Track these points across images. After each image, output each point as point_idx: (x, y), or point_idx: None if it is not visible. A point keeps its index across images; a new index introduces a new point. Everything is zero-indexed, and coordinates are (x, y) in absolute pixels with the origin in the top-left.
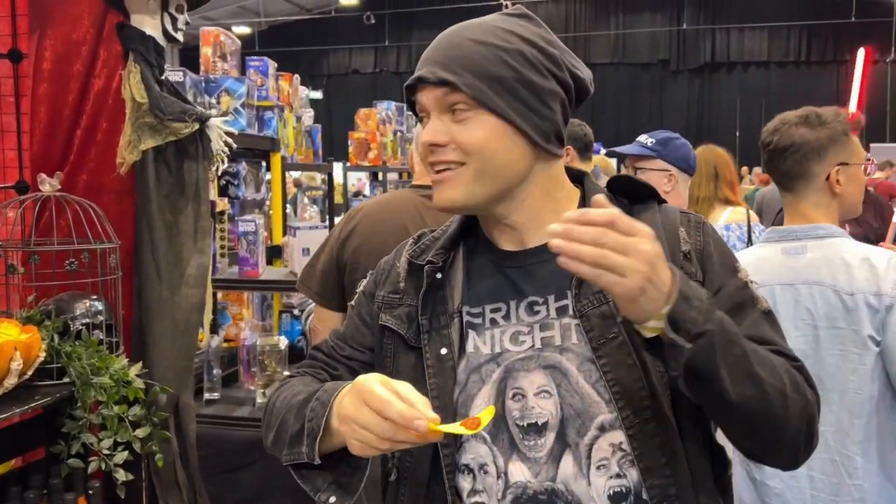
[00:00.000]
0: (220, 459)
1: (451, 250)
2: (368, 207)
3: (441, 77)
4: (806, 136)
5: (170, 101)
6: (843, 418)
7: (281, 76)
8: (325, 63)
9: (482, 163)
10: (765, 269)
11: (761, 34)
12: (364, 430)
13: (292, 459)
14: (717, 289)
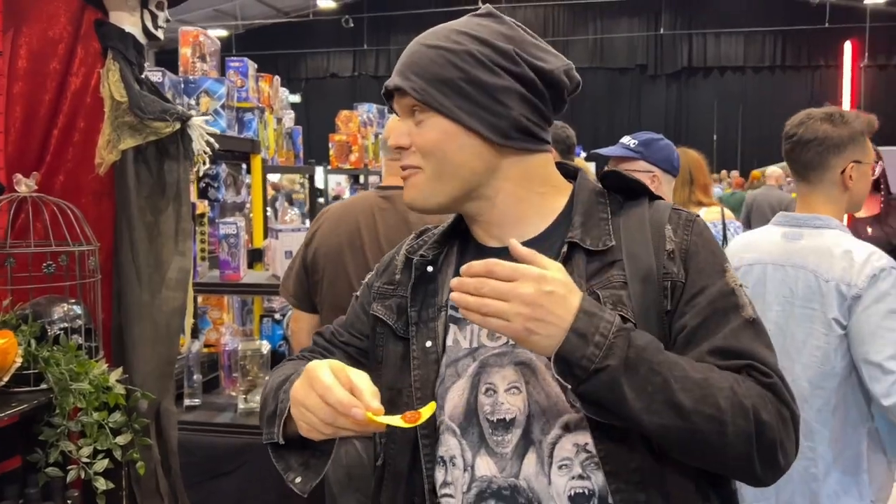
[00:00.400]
0: (202, 467)
1: (445, 245)
2: (331, 210)
3: (395, 84)
4: (829, 131)
5: (150, 100)
6: (803, 388)
7: (261, 77)
8: (302, 67)
9: (437, 164)
10: (764, 247)
11: (737, 39)
12: (309, 413)
13: (269, 439)
14: (699, 289)
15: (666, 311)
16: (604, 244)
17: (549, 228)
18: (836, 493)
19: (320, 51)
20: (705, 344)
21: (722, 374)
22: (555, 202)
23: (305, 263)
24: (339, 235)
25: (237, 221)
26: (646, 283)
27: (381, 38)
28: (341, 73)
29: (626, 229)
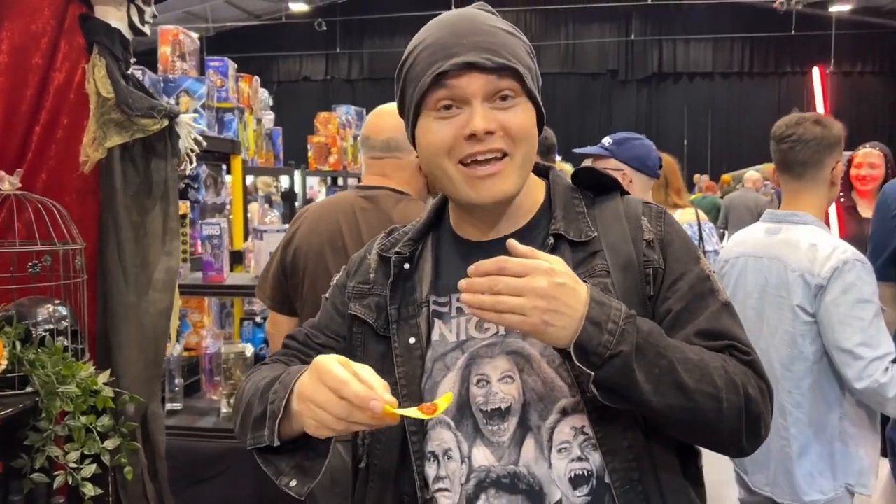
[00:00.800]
0: (185, 472)
1: (420, 241)
2: (311, 211)
3: (500, 63)
4: (823, 133)
5: (137, 97)
6: (775, 368)
7: (241, 77)
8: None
9: (528, 149)
10: (749, 242)
11: (706, 46)
12: (320, 410)
13: (255, 443)
14: (678, 275)
15: (649, 296)
16: (586, 235)
17: (531, 222)
18: (811, 474)
19: (292, 54)
20: (690, 326)
21: (712, 354)
22: (536, 195)
23: (284, 265)
24: (319, 235)
25: (220, 222)
26: (626, 271)
27: (354, 41)
28: (314, 76)
29: (602, 221)
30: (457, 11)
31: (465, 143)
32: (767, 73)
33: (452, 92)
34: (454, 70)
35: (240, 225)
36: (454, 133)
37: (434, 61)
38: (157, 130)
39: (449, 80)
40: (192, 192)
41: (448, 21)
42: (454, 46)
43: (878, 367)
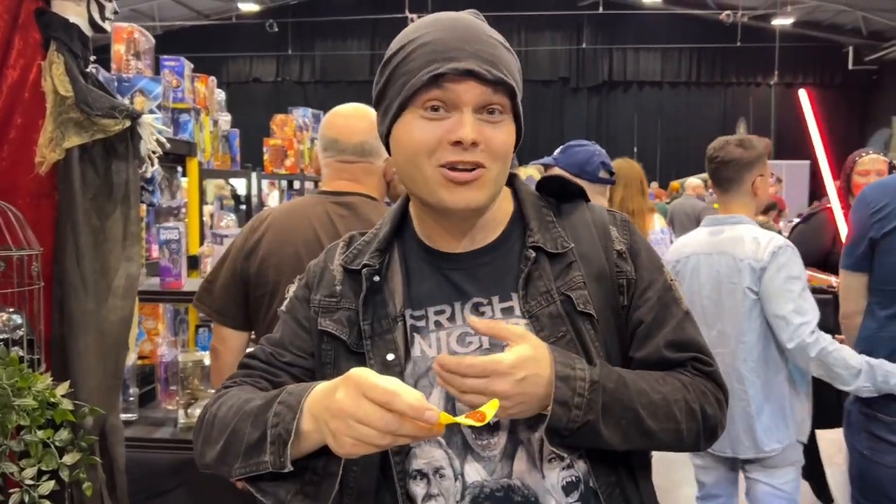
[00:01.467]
0: (141, 485)
1: (387, 252)
2: (274, 217)
3: (498, 76)
4: (742, 154)
5: (97, 95)
6: (731, 343)
7: (197, 78)
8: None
9: (502, 166)
10: (695, 243)
11: (655, 55)
12: (362, 426)
13: (249, 472)
14: (647, 285)
15: (622, 306)
16: (561, 246)
17: (504, 232)
18: (769, 428)
19: (243, 55)
20: (660, 336)
21: (674, 384)
22: (504, 205)
23: (246, 275)
24: (292, 245)
25: (178, 227)
26: (600, 282)
27: (306, 43)
28: (264, 77)
29: (572, 231)
30: (455, 15)
31: (449, 148)
32: (714, 84)
33: (446, 95)
34: (453, 74)
35: (195, 229)
36: (440, 136)
37: (433, 60)
38: (118, 131)
39: (446, 84)
40: (146, 194)
41: (448, 23)
42: (455, 50)
43: (805, 330)
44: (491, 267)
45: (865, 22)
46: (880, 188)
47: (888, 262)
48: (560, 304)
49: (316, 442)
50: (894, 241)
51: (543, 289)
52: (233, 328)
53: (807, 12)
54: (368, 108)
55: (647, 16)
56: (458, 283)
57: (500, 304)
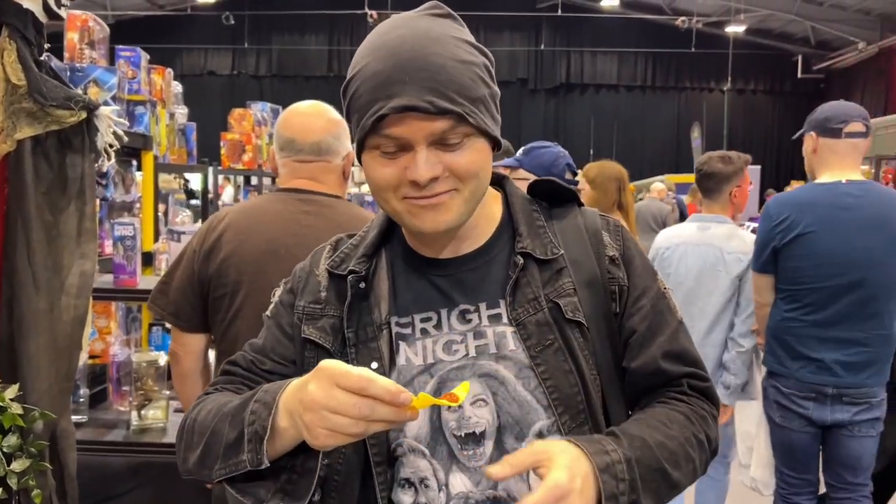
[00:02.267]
0: (93, 489)
1: (374, 258)
2: (233, 216)
3: (443, 107)
4: (722, 168)
5: (52, 85)
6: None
7: (153, 69)
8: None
9: (476, 185)
10: (685, 235)
11: (612, 59)
12: (335, 415)
13: (229, 472)
14: (641, 292)
15: (615, 313)
16: (551, 252)
17: (493, 237)
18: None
19: (197, 47)
20: (655, 346)
21: (679, 419)
22: (493, 209)
23: (203, 276)
24: (254, 244)
25: (133, 223)
26: (591, 288)
27: (263, 37)
28: (219, 71)
29: (563, 236)
30: (404, 29)
31: (409, 185)
32: (669, 88)
33: (394, 136)
34: (394, 113)
35: (150, 225)
36: (398, 175)
37: (375, 99)
38: (73, 123)
39: (390, 126)
40: (100, 189)
41: (392, 47)
42: (395, 84)
43: None
44: (478, 273)
45: (814, 32)
46: (782, 203)
47: (789, 266)
48: (548, 312)
49: (293, 438)
50: (794, 249)
51: (531, 296)
52: (189, 331)
53: (759, 20)
54: (325, 106)
55: (604, 19)
56: (445, 289)
57: (487, 311)
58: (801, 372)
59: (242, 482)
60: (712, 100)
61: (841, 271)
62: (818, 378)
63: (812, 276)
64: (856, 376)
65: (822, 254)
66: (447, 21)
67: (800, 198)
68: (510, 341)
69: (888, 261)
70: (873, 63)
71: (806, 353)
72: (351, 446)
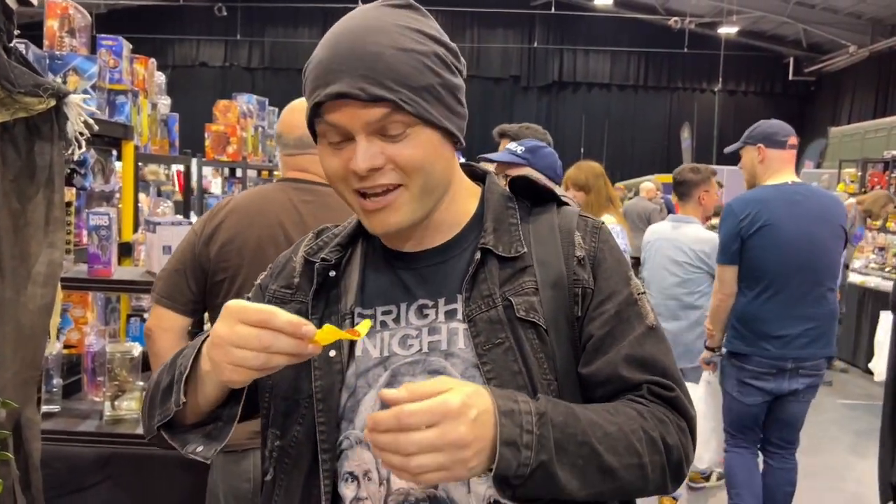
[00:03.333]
0: (63, 479)
1: (349, 248)
2: (236, 202)
3: (375, 94)
4: (692, 177)
5: (21, 72)
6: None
7: (136, 59)
8: (170, 53)
9: (424, 178)
10: (660, 231)
11: (604, 58)
12: (239, 349)
13: (163, 418)
14: (606, 296)
15: (577, 317)
16: (515, 251)
17: (461, 233)
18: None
19: (190, 38)
20: (613, 352)
21: (628, 412)
22: (466, 205)
23: (203, 261)
24: (254, 229)
25: (109, 212)
26: (556, 289)
27: (255, 29)
28: (211, 62)
29: (535, 235)
30: (352, 19)
31: (354, 176)
32: (661, 88)
33: (334, 122)
34: (329, 101)
35: (130, 215)
36: (343, 166)
37: (315, 87)
38: (42, 110)
39: (327, 115)
40: (78, 178)
41: (334, 38)
42: (331, 73)
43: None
44: (442, 268)
45: (806, 34)
46: (744, 201)
47: (754, 256)
48: (502, 310)
49: (215, 382)
50: (758, 239)
51: (486, 292)
52: (174, 311)
53: (751, 22)
54: None
55: (597, 18)
56: (408, 283)
57: (444, 306)
58: (766, 349)
59: (177, 430)
60: (703, 100)
61: (796, 255)
62: (781, 353)
63: (774, 261)
64: (811, 349)
65: (781, 241)
66: (404, 11)
67: (758, 196)
68: (461, 338)
69: (830, 245)
70: (864, 67)
71: (771, 332)
72: (302, 432)
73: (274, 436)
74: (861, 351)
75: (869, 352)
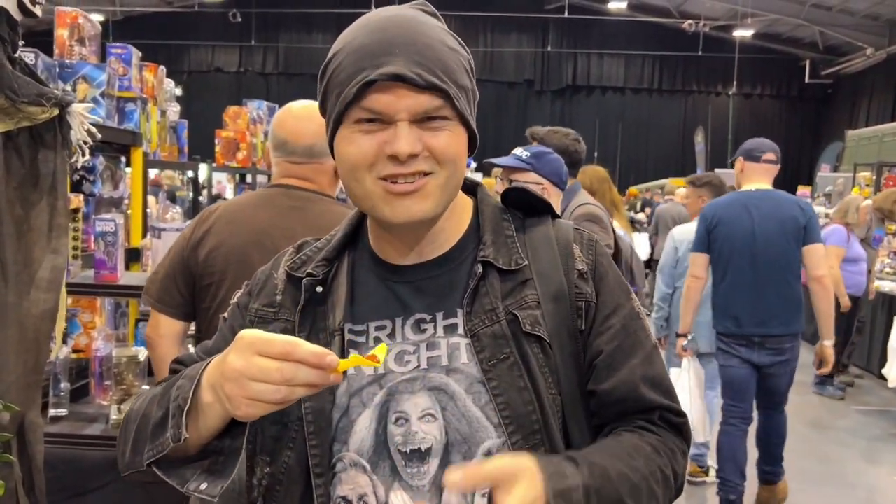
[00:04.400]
0: (68, 482)
1: (335, 262)
2: (225, 208)
3: (431, 81)
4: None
5: (24, 82)
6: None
7: (145, 66)
8: (186, 59)
9: (452, 172)
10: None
11: (618, 61)
12: (256, 382)
13: (156, 453)
14: (611, 310)
15: (580, 330)
16: (515, 263)
17: (458, 245)
18: None
19: (205, 44)
20: (626, 370)
21: (645, 450)
22: (461, 217)
23: (191, 265)
24: (240, 235)
25: (115, 219)
26: (557, 302)
27: (270, 35)
28: (226, 67)
29: (532, 247)
30: (391, 11)
31: (388, 161)
32: (675, 91)
33: (378, 107)
34: (381, 81)
35: (138, 221)
36: (376, 149)
37: (361, 69)
38: (45, 119)
39: (375, 94)
40: (87, 184)
41: (379, 24)
42: (384, 55)
43: None
44: (439, 281)
45: (822, 37)
46: (713, 204)
47: (714, 248)
48: (506, 324)
49: (218, 415)
50: (716, 234)
51: (489, 306)
52: (168, 316)
53: (766, 25)
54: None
55: (611, 22)
56: (404, 297)
57: (443, 320)
58: (728, 325)
59: (169, 466)
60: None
61: (750, 248)
62: (740, 329)
63: (728, 252)
64: (766, 328)
65: (733, 236)
66: (433, 18)
67: (723, 200)
68: (463, 353)
69: (778, 241)
70: (881, 69)
71: (729, 311)
72: (293, 457)
73: (263, 462)
74: (875, 356)
75: (883, 358)
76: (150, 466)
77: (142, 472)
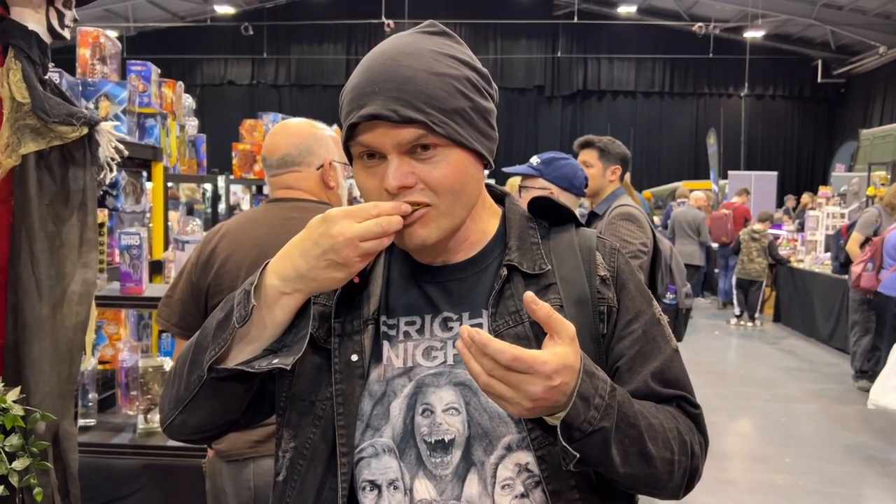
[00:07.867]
0: (97, 491)
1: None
2: (227, 227)
3: (407, 116)
4: None
5: (55, 103)
6: None
7: (164, 83)
8: (199, 72)
9: (452, 198)
10: None
11: (629, 65)
12: (366, 242)
13: (218, 350)
14: (633, 316)
15: (602, 334)
16: (539, 268)
17: (484, 250)
18: None
19: (217, 57)
20: (645, 370)
21: (667, 412)
22: (489, 224)
23: (202, 285)
24: (247, 250)
25: (140, 232)
26: (579, 307)
27: (282, 47)
28: (239, 80)
29: (556, 253)
30: (386, 45)
31: (388, 195)
32: (686, 94)
33: (368, 143)
34: (363, 122)
35: (160, 234)
36: (377, 185)
37: (350, 110)
38: (75, 138)
39: (362, 133)
40: (110, 199)
41: (369, 61)
42: (364, 95)
43: None
44: (465, 283)
45: (834, 36)
46: None
47: None
48: (529, 326)
49: (288, 307)
50: None
51: (513, 308)
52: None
53: (777, 25)
54: (294, 122)
55: (621, 26)
56: (432, 296)
57: (469, 320)
58: None
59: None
60: (730, 106)
61: None
62: None
63: None
64: None
65: None
66: (438, 38)
67: None
68: None
69: None
70: (894, 67)
71: None
72: (318, 434)
73: (289, 435)
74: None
75: None
76: (209, 373)
77: (178, 427)
